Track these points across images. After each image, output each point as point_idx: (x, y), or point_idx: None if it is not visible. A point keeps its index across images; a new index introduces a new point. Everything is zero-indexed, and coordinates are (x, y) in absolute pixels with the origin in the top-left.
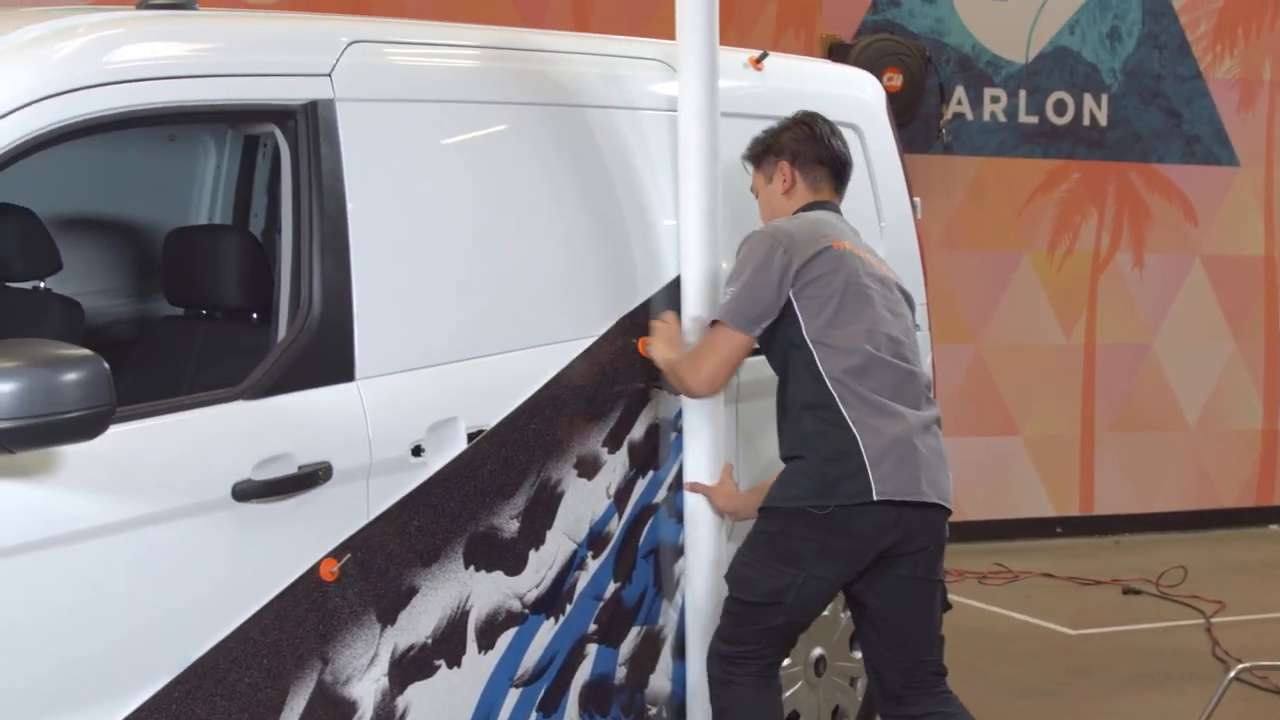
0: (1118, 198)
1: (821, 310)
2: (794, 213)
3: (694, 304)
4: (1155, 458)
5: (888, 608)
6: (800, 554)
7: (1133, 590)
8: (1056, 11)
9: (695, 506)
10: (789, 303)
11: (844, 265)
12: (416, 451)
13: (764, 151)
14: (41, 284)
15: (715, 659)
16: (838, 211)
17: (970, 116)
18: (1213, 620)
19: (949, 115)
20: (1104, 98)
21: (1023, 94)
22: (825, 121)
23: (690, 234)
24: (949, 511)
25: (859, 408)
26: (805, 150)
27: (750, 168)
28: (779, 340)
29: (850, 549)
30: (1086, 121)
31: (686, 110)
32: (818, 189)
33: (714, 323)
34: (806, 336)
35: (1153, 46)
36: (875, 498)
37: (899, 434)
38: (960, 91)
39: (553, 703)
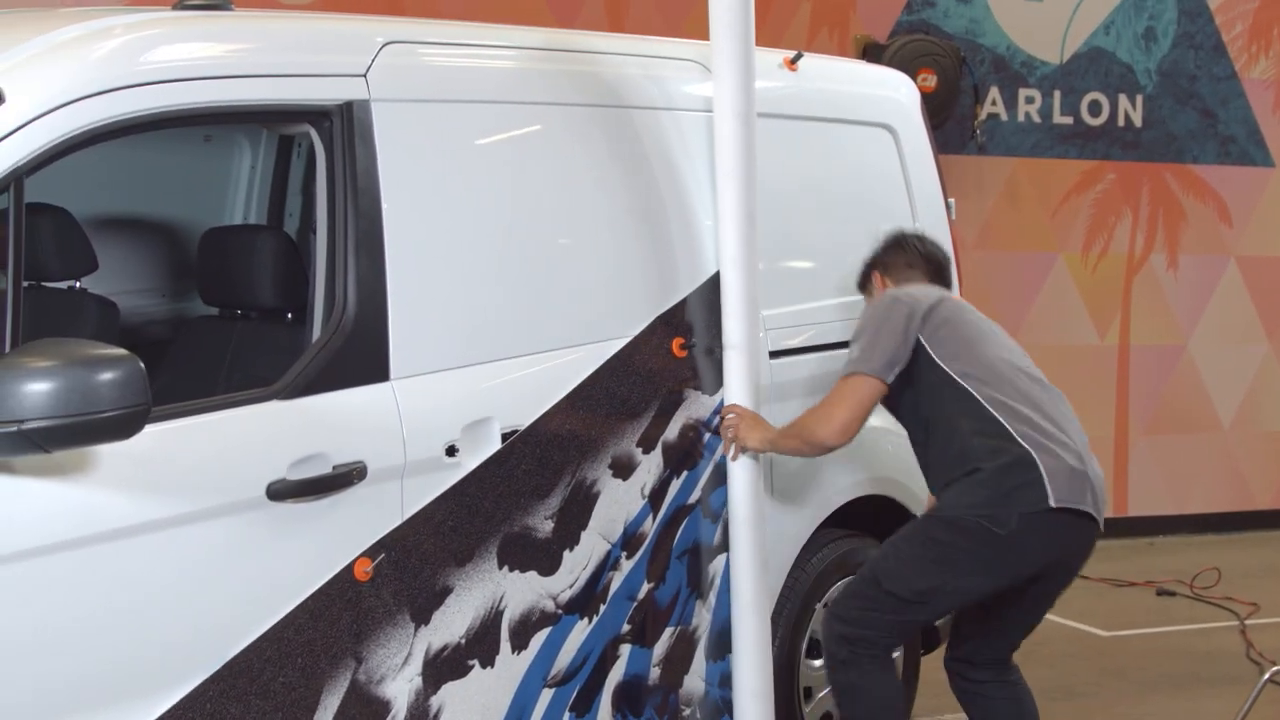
0: (1152, 199)
1: (958, 348)
2: None
3: (734, 303)
4: (1189, 459)
5: (1012, 603)
6: (964, 565)
7: (1167, 592)
8: (1091, 12)
9: (735, 469)
10: (921, 349)
11: (964, 309)
12: (451, 451)
13: (865, 276)
14: (77, 284)
15: (837, 639)
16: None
17: (1005, 117)
18: (1247, 622)
19: (983, 116)
20: (1139, 98)
21: (1057, 94)
22: (914, 234)
23: (728, 236)
24: (1100, 532)
25: (1028, 430)
26: (893, 259)
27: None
28: (921, 385)
29: (1013, 568)
30: (1121, 122)
31: (722, 113)
32: (912, 280)
33: (844, 377)
34: (951, 373)
35: (1188, 47)
36: (1053, 504)
37: (1070, 457)
38: (995, 92)
39: (586, 703)
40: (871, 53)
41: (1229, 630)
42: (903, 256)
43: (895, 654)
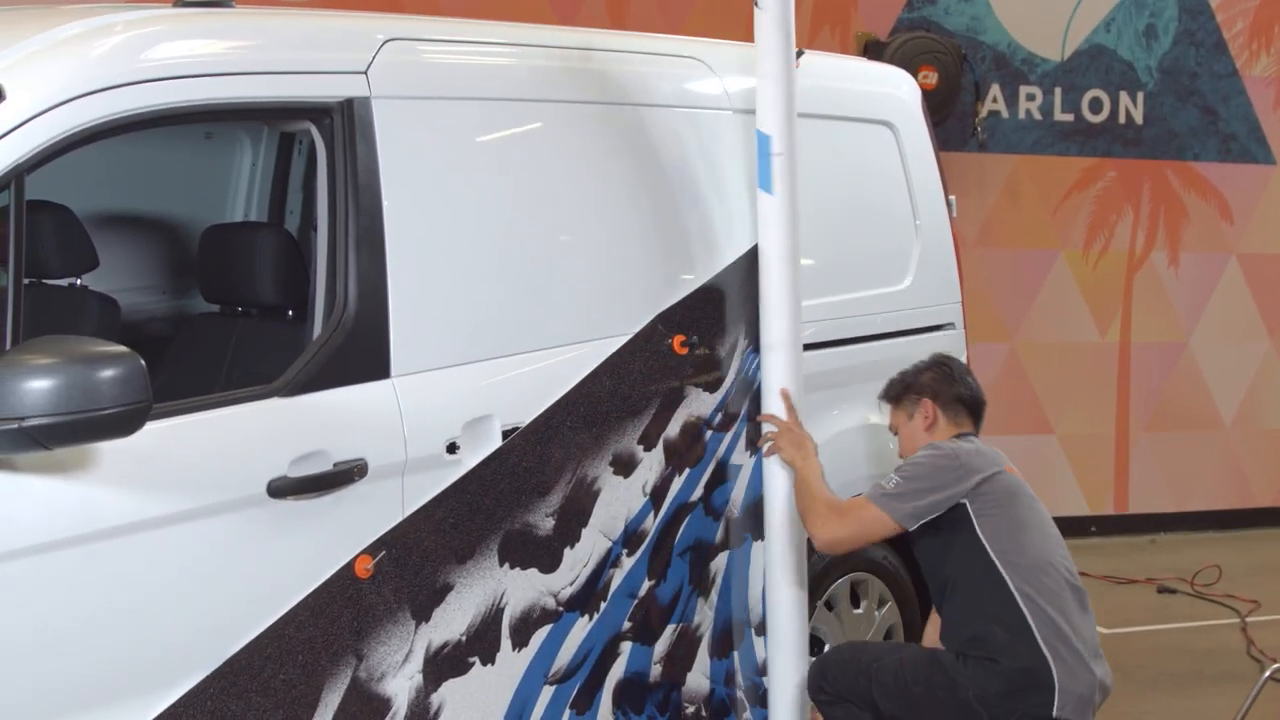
0: (1153, 196)
1: (1002, 529)
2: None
3: (775, 302)
4: (1190, 457)
5: None
6: (952, 714)
7: (1167, 589)
8: (1092, 9)
9: (772, 466)
10: (964, 515)
11: (1021, 490)
12: (451, 449)
13: (904, 390)
14: (78, 281)
15: (815, 688)
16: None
17: (1005, 114)
18: (1248, 620)
19: (984, 113)
20: (1140, 95)
21: (1058, 91)
22: (959, 363)
23: (771, 236)
24: None
25: (1051, 633)
26: (944, 389)
27: (887, 406)
28: (954, 545)
29: None
30: (1122, 119)
31: (765, 116)
32: (959, 423)
33: (869, 499)
34: (989, 549)
35: (1189, 44)
36: (1055, 714)
37: (1088, 679)
38: (995, 89)
39: (586, 700)
40: (873, 50)
41: (1230, 628)
42: (954, 388)
43: None
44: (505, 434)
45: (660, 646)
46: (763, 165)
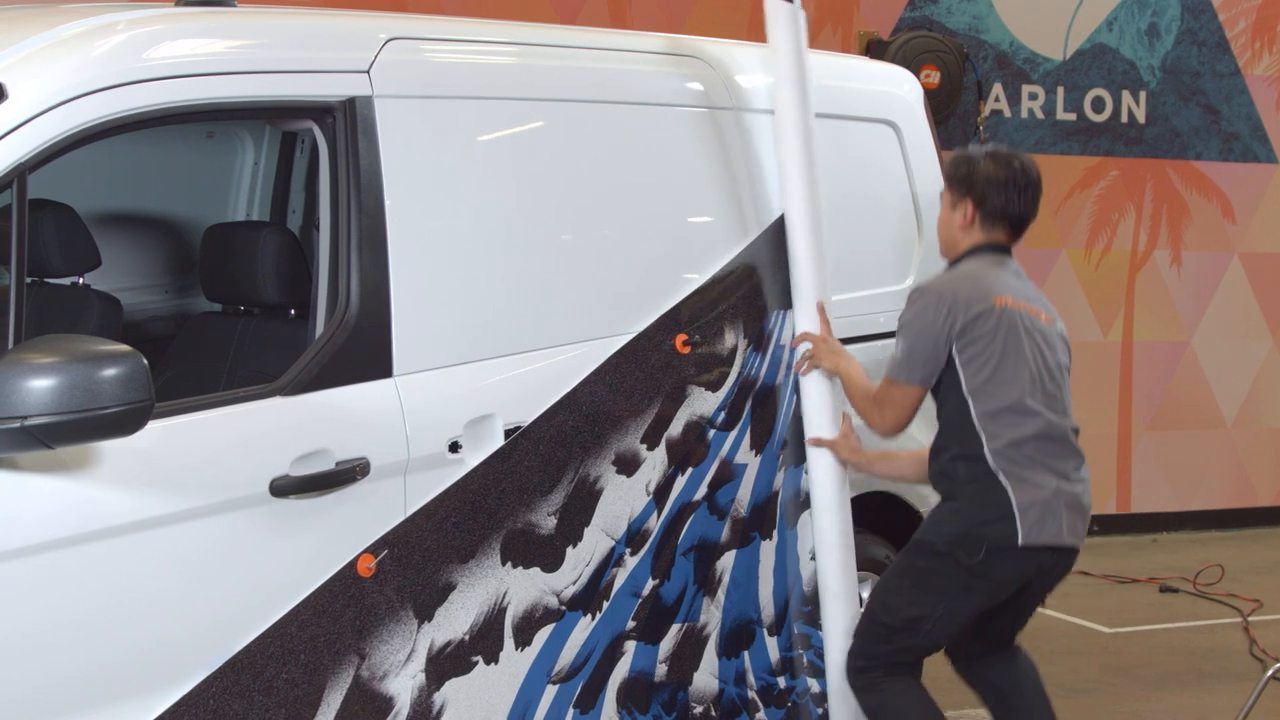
0: (1155, 195)
1: (981, 368)
2: (964, 250)
3: (806, 301)
4: (1192, 456)
5: (1001, 614)
6: (944, 589)
7: (1170, 589)
8: (1095, 8)
9: (819, 470)
10: (950, 356)
11: (1003, 324)
12: (454, 448)
13: (958, 180)
14: (80, 280)
15: (852, 671)
16: (1008, 253)
17: (1008, 113)
18: (1250, 619)
19: (986, 112)
20: (1142, 95)
21: (1060, 91)
22: (1024, 172)
23: (798, 236)
24: (1078, 549)
25: (1009, 460)
26: (993, 198)
27: (945, 178)
28: (942, 385)
29: (992, 590)
30: (1124, 118)
31: (783, 120)
32: (992, 235)
33: (889, 381)
34: (965, 390)
35: (1191, 43)
36: (1020, 543)
37: (1048, 489)
38: (998, 88)
39: (590, 699)
40: (875, 49)
41: (1232, 627)
42: (1002, 202)
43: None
44: (507, 433)
45: (665, 646)
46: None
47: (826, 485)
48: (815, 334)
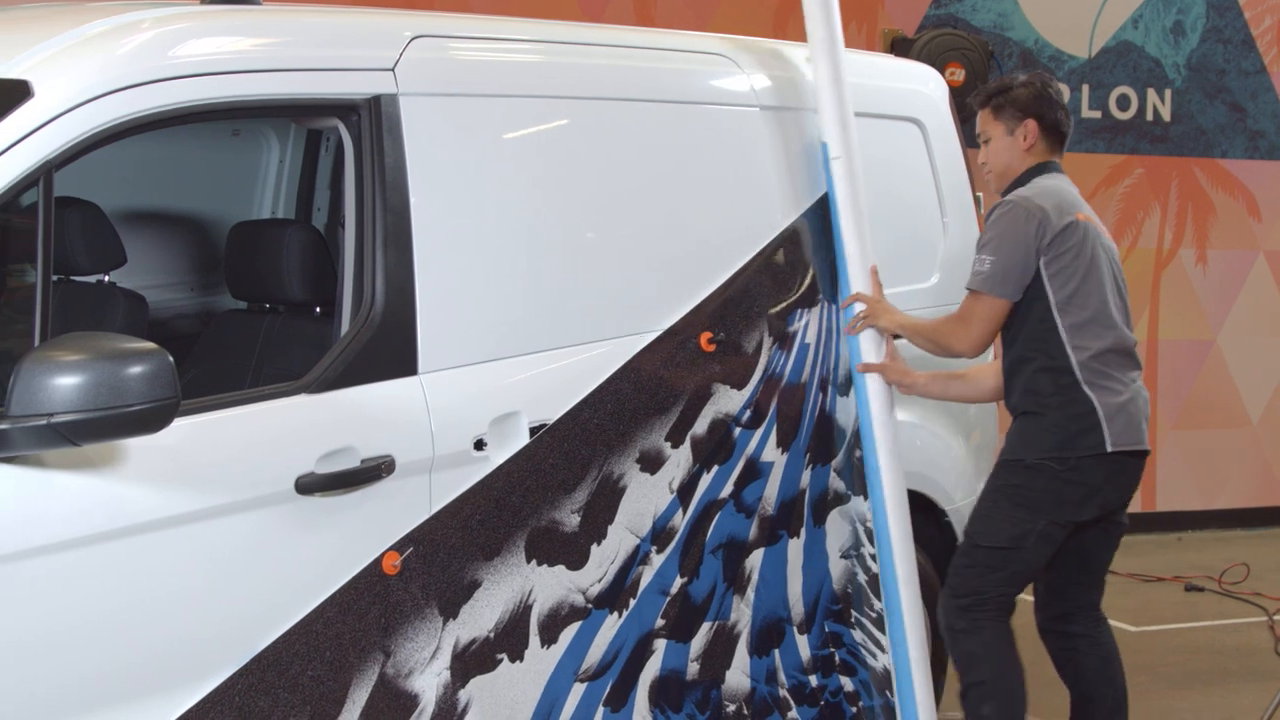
0: (1181, 193)
1: (1067, 282)
2: (1026, 169)
3: (855, 257)
4: (1218, 454)
5: (1085, 545)
6: (1040, 502)
7: (1195, 587)
8: (1120, 6)
9: (872, 394)
10: (1038, 270)
11: (1088, 239)
12: (479, 446)
13: (1006, 103)
14: (106, 278)
15: (954, 611)
16: (1062, 171)
17: None
18: (1275, 618)
19: None
20: (1167, 92)
21: (1086, 89)
22: (1058, 90)
23: (848, 234)
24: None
25: (1093, 371)
26: (1048, 114)
27: (981, 111)
28: (1025, 298)
29: (1083, 497)
30: (1150, 116)
31: (830, 124)
32: (1051, 152)
33: (975, 294)
34: (1052, 305)
35: (1216, 41)
36: (1109, 449)
37: (1126, 397)
38: None
39: (620, 698)
40: (900, 47)
41: (1257, 625)
42: (1055, 115)
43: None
44: (532, 431)
45: (697, 644)
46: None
47: (878, 409)
48: (869, 295)
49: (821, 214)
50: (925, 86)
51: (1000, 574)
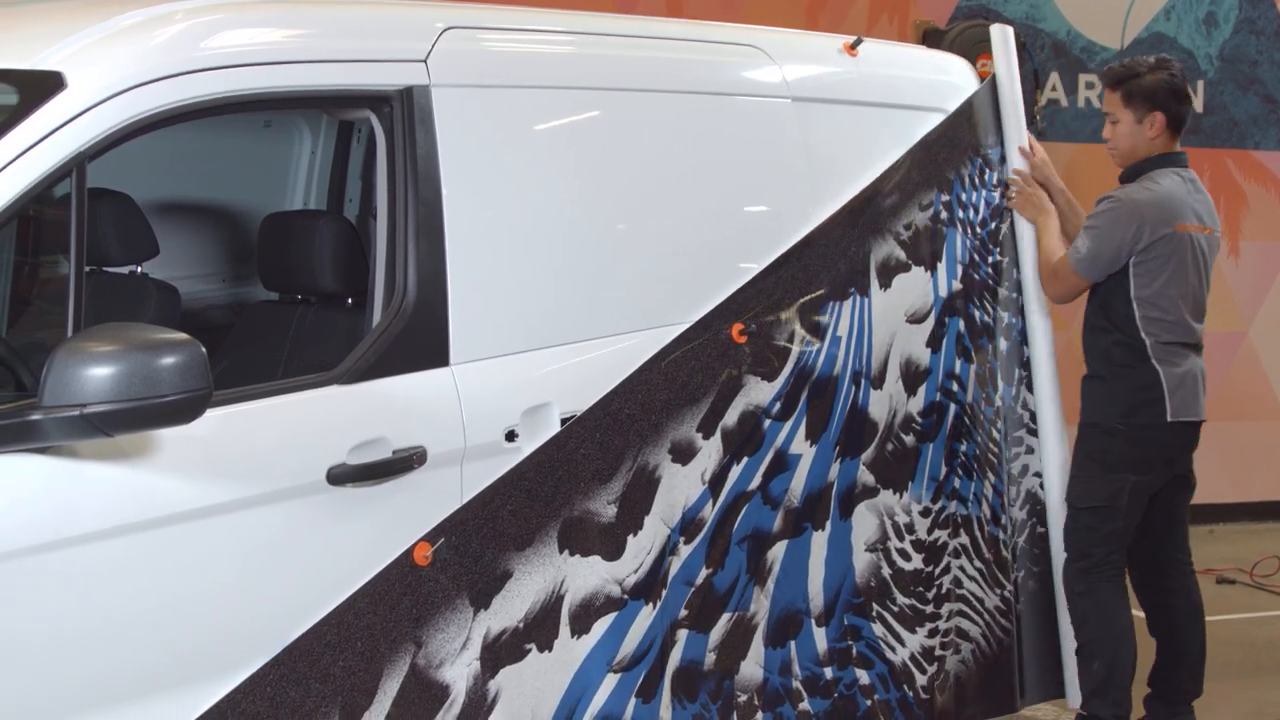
0: (1214, 185)
1: (1152, 282)
2: (1144, 157)
3: (1014, 136)
4: (1250, 447)
5: (1164, 501)
6: (1125, 462)
7: (1226, 580)
8: None
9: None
10: (1126, 264)
11: (1180, 248)
12: (510, 437)
13: (1141, 95)
14: (139, 269)
15: (1074, 575)
16: (1185, 164)
17: (1065, 103)
18: None
19: (1043, 102)
20: (1200, 84)
21: None
22: (1184, 79)
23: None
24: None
25: (1165, 350)
26: (1174, 108)
27: (1110, 92)
28: (1111, 278)
29: (1155, 457)
30: None
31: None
32: (1173, 143)
33: (1067, 262)
34: (1133, 296)
35: (1250, 32)
36: (1169, 419)
37: (1188, 370)
38: (1055, 78)
39: (651, 689)
40: (931, 38)
41: None
42: (1182, 112)
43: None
44: (564, 422)
45: (715, 635)
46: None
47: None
48: (1023, 175)
49: (853, 206)
50: (956, 78)
51: (1102, 532)
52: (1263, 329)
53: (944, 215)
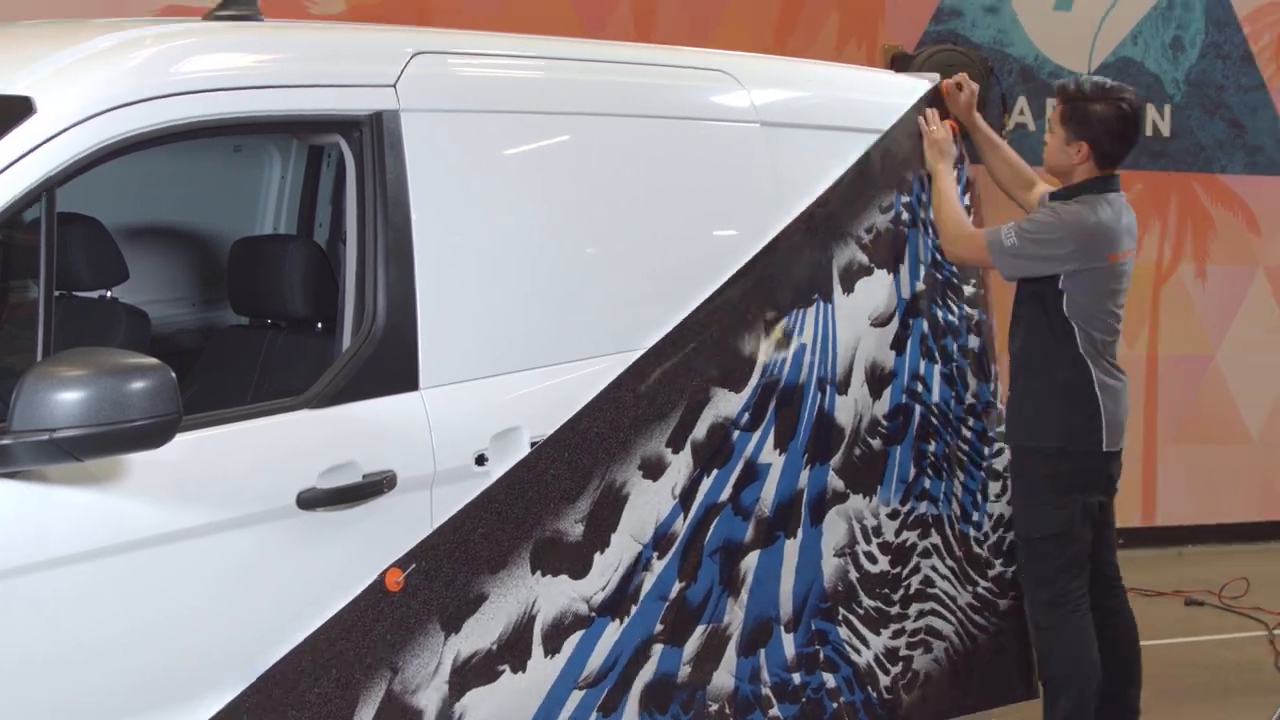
0: (1180, 208)
1: (1084, 301)
2: (1077, 180)
3: None
4: (1218, 469)
5: (1096, 523)
6: (1069, 486)
7: (1195, 602)
8: (1119, 22)
9: None
10: (1058, 284)
11: (1113, 273)
12: (480, 461)
13: (1075, 119)
14: (108, 293)
15: (1039, 609)
16: (1118, 184)
17: (1033, 127)
18: (1276, 632)
19: (1011, 125)
20: (1166, 108)
21: None
22: (1132, 110)
23: None
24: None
25: (1103, 380)
26: (1111, 150)
27: (1056, 104)
28: (1040, 294)
29: (1097, 481)
30: (1149, 132)
31: None
32: (1105, 168)
33: (985, 236)
34: (1066, 312)
35: (1216, 57)
36: (1104, 449)
37: (1121, 407)
38: (1023, 102)
39: (613, 703)
40: (899, 62)
41: (1258, 640)
42: (1118, 150)
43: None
44: (534, 446)
45: (690, 647)
46: None
47: None
48: (933, 123)
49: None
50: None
51: (1062, 559)
52: (1230, 352)
53: (905, 216)
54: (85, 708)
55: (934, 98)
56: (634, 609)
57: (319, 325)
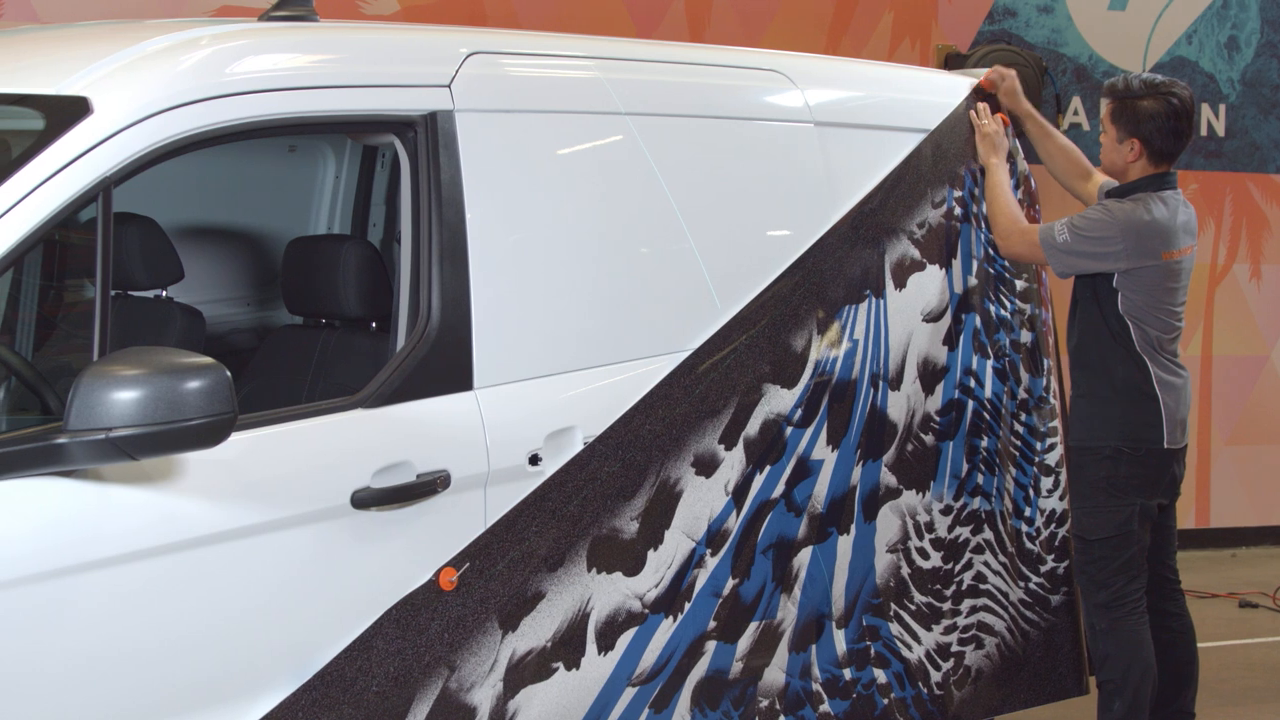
0: (1235, 208)
1: (1139, 299)
2: (1133, 178)
3: None
4: (1272, 470)
5: (1158, 523)
6: (1128, 488)
7: (1249, 604)
8: (1173, 21)
9: None
10: (1112, 282)
11: (1168, 271)
12: (534, 460)
13: (1125, 117)
14: (164, 293)
15: (1096, 611)
16: (1174, 180)
17: (1086, 127)
18: None
19: (1065, 125)
20: (1221, 108)
21: None
22: (1183, 106)
23: None
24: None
25: (1162, 377)
26: (1163, 146)
27: (1106, 103)
28: (1095, 292)
29: (1161, 477)
30: (1204, 132)
31: None
32: (1159, 166)
33: (1039, 232)
34: (1121, 310)
35: (1271, 56)
36: (1165, 446)
37: (1182, 404)
38: (1076, 101)
39: (666, 700)
40: (954, 62)
41: None
42: (1171, 147)
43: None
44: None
45: (742, 644)
46: None
47: None
48: (985, 116)
49: (861, 214)
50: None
51: (1119, 561)
52: None
53: (957, 211)
54: (141, 706)
55: (984, 92)
56: (687, 605)
57: (373, 325)
